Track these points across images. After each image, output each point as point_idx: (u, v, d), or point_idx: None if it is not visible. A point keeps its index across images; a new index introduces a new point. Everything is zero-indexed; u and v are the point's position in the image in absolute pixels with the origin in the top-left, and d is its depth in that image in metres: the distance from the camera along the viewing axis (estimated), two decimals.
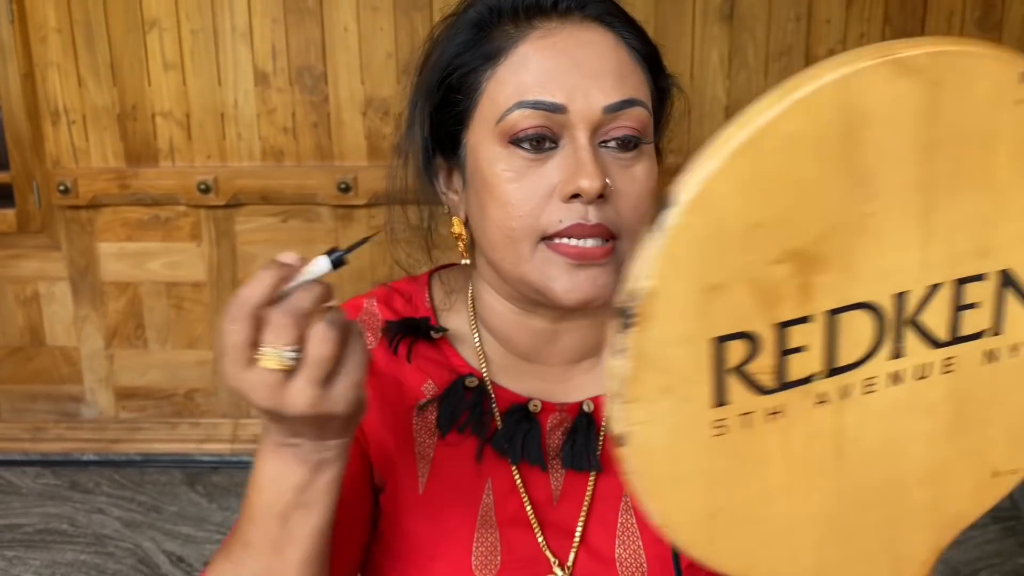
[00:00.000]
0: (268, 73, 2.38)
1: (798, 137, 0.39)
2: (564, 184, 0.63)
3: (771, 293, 0.41)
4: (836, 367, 0.45)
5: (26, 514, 2.35)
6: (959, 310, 0.45)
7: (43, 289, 2.58)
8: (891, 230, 0.43)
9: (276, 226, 2.48)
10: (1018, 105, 0.42)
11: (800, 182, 0.40)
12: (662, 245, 0.39)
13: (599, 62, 0.65)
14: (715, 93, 2.35)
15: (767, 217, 0.40)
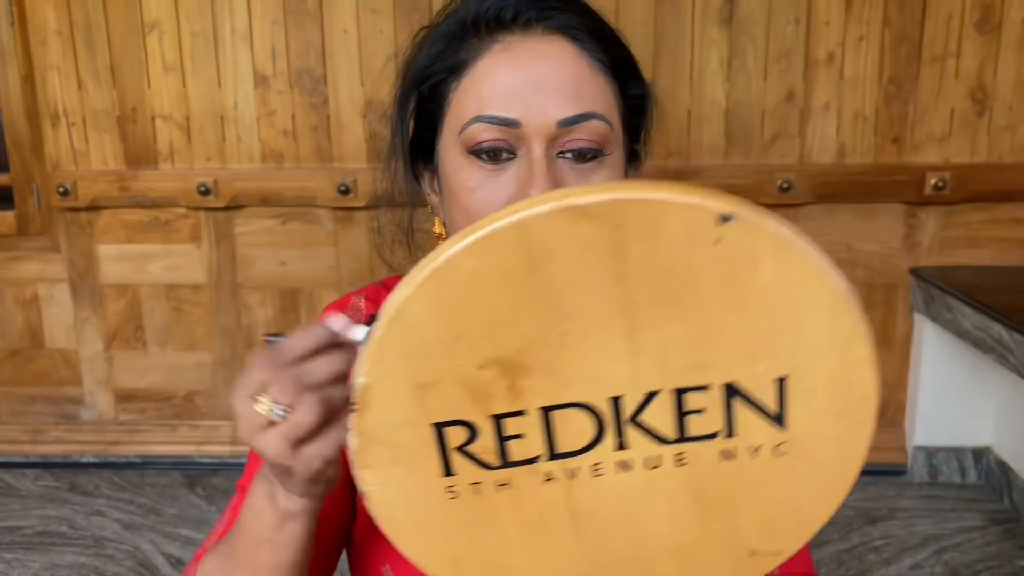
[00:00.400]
0: (268, 75, 2.38)
1: (481, 271, 0.44)
2: (516, 194, 0.66)
3: (481, 392, 0.47)
4: (558, 453, 0.50)
5: (25, 516, 2.35)
6: (684, 415, 0.49)
7: (43, 291, 2.58)
8: (595, 345, 0.47)
9: (276, 228, 2.48)
10: (717, 244, 0.44)
11: (492, 306, 0.45)
12: (371, 351, 0.47)
13: (556, 76, 0.66)
14: (715, 96, 2.35)
15: (465, 332, 0.46)
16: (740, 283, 0.45)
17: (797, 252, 0.45)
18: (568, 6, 0.70)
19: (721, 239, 0.43)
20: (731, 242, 0.44)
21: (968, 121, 2.34)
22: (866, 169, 2.37)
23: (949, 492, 2.41)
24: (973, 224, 2.42)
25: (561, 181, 0.66)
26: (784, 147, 2.38)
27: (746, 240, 0.44)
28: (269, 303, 2.54)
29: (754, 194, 2.38)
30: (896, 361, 2.50)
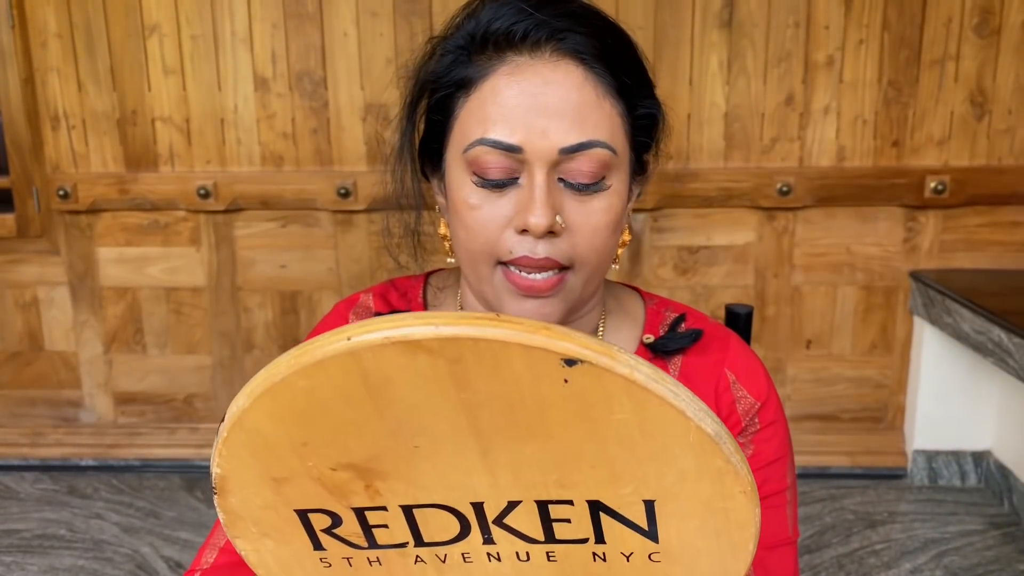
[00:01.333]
0: (268, 78, 2.39)
1: (317, 390, 0.44)
2: (516, 218, 0.67)
3: (338, 489, 0.48)
4: (425, 542, 0.50)
5: (24, 519, 2.35)
6: (551, 521, 0.49)
7: (42, 294, 2.58)
8: (448, 459, 0.47)
9: (275, 231, 2.48)
10: (566, 384, 0.42)
11: (335, 420, 0.45)
12: (220, 447, 0.47)
13: (560, 102, 0.66)
14: (714, 99, 2.35)
15: (311, 439, 0.46)
16: (594, 418, 0.44)
17: (653, 395, 0.43)
18: (580, 26, 0.68)
19: (569, 379, 0.42)
20: (580, 383, 0.42)
21: (967, 124, 2.35)
22: (865, 172, 2.37)
23: (949, 496, 2.41)
24: (972, 227, 2.42)
25: (560, 206, 0.67)
26: (784, 150, 2.38)
27: (597, 382, 0.42)
28: (268, 306, 2.54)
29: (753, 197, 2.38)
30: (896, 364, 2.50)
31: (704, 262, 2.45)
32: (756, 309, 2.47)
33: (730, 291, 2.46)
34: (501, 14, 0.68)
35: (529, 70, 0.67)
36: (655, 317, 0.81)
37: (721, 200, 2.39)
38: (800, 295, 2.48)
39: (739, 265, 2.45)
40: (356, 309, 0.81)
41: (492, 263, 0.69)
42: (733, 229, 2.43)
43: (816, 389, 2.54)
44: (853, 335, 2.50)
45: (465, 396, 0.43)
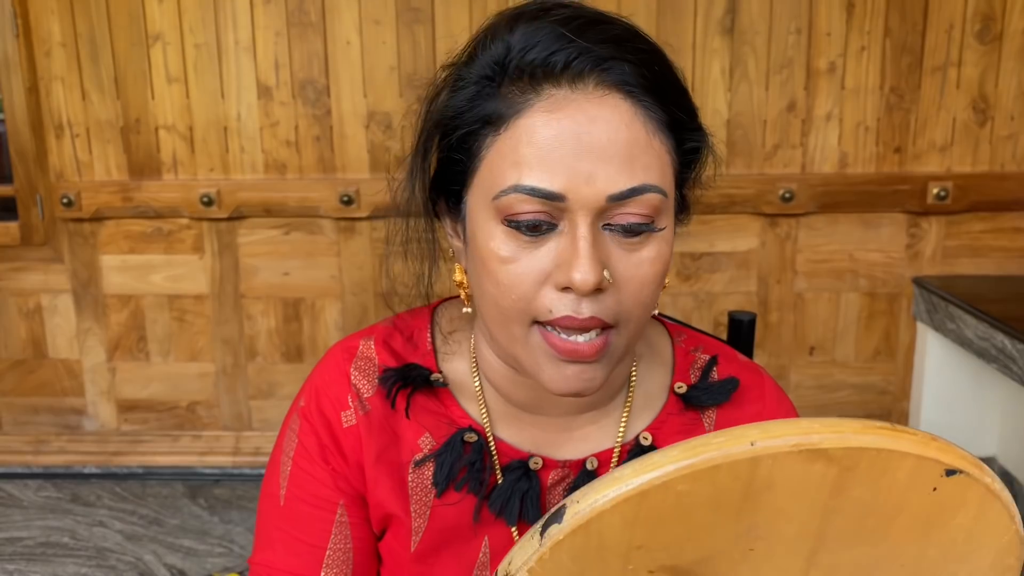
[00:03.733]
0: (271, 86, 2.39)
1: (694, 495, 0.42)
2: (557, 273, 0.59)
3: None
4: None
5: (27, 527, 2.35)
6: None
7: (46, 302, 2.58)
8: (773, 564, 0.46)
9: (278, 239, 2.49)
10: (934, 491, 0.44)
11: (690, 524, 0.43)
12: (541, 552, 0.43)
13: (607, 143, 0.58)
14: (716, 106, 2.36)
15: (650, 543, 0.43)
16: (936, 523, 0.45)
17: (998, 502, 0.45)
18: (625, 52, 0.60)
19: (938, 488, 0.44)
20: (946, 491, 0.44)
21: (970, 131, 2.35)
22: (868, 179, 2.37)
23: None
24: (975, 233, 2.41)
25: (606, 257, 0.59)
26: (786, 157, 2.38)
27: (960, 490, 0.44)
28: (271, 313, 2.54)
29: (756, 203, 2.38)
30: (899, 371, 2.50)
31: (707, 268, 2.45)
32: (759, 316, 2.46)
33: (733, 298, 2.46)
34: (536, 40, 0.59)
35: (571, 106, 0.58)
36: (684, 359, 0.75)
37: (724, 207, 2.39)
38: (803, 301, 2.47)
39: (742, 271, 2.45)
40: (357, 362, 0.72)
41: (527, 323, 0.61)
42: (736, 235, 2.43)
43: (819, 396, 2.53)
44: (856, 341, 2.49)
45: (834, 502, 0.43)
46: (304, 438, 0.71)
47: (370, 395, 0.71)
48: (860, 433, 0.42)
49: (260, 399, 2.59)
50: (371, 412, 0.70)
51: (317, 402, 0.72)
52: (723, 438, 0.41)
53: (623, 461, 0.69)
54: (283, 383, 2.56)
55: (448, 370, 0.72)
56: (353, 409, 0.71)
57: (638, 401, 0.72)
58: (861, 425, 0.41)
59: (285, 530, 0.71)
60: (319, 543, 0.70)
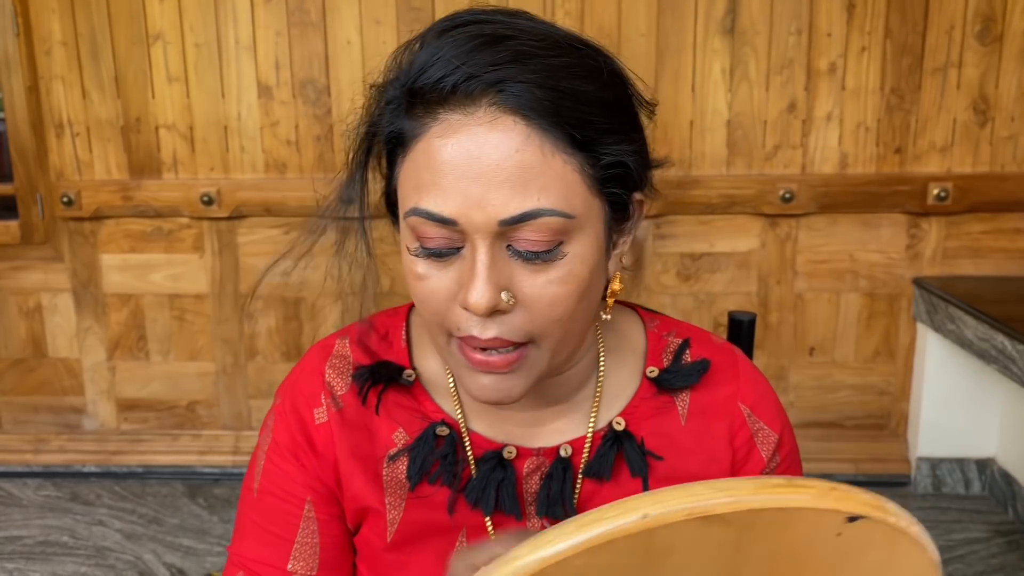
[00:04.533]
0: (271, 86, 2.39)
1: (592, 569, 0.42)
2: (461, 293, 0.60)
3: None
4: None
5: (27, 526, 2.35)
6: None
7: (46, 301, 2.58)
8: None
9: (278, 238, 2.49)
10: (838, 537, 0.44)
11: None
12: None
13: (496, 168, 0.57)
14: (716, 106, 2.36)
15: None
16: (846, 565, 0.46)
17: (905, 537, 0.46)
18: (523, 71, 0.58)
19: (842, 533, 0.44)
20: (851, 535, 0.44)
21: (970, 131, 2.35)
22: (868, 179, 2.37)
23: (953, 503, 2.40)
24: (975, 234, 2.41)
25: (508, 278, 0.59)
26: (786, 157, 2.38)
27: (866, 533, 0.44)
28: (271, 313, 2.54)
29: (756, 204, 2.38)
30: (899, 372, 2.50)
31: (707, 269, 2.45)
32: (759, 316, 2.46)
33: (733, 298, 2.46)
34: (432, 62, 0.59)
35: (462, 131, 0.58)
36: (657, 343, 0.75)
37: (724, 207, 2.39)
38: (803, 302, 2.47)
39: (742, 272, 2.45)
40: (332, 360, 0.73)
41: (447, 334, 0.63)
42: (736, 236, 2.43)
43: (819, 396, 2.53)
44: (856, 342, 2.49)
45: (739, 557, 0.44)
46: (278, 435, 0.73)
47: (343, 392, 0.72)
48: (754, 494, 0.42)
49: (260, 399, 2.59)
50: (345, 409, 0.72)
51: (292, 400, 0.73)
52: (615, 511, 0.41)
53: (596, 447, 0.70)
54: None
55: (422, 367, 0.74)
56: (325, 407, 0.72)
57: (608, 391, 0.73)
58: (755, 485, 0.41)
59: (257, 522, 0.73)
60: (287, 535, 0.72)
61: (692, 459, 0.71)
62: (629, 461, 0.69)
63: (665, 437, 0.71)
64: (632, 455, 0.69)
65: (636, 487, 0.70)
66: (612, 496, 0.69)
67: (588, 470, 0.70)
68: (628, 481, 0.70)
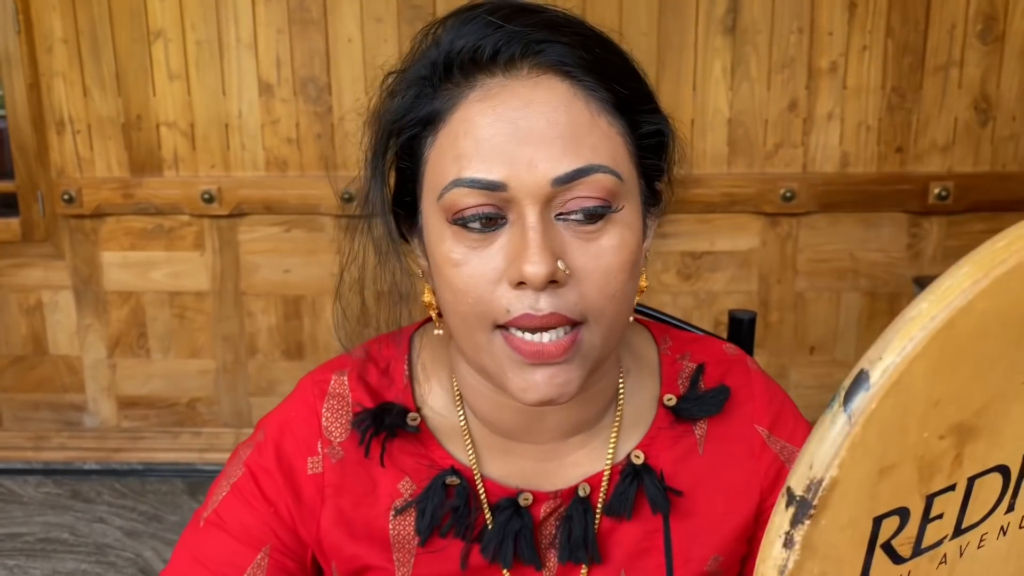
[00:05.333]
0: (272, 84, 2.39)
1: (990, 314, 0.37)
2: (510, 269, 0.55)
3: (930, 468, 0.40)
4: (961, 528, 0.44)
5: (27, 523, 2.35)
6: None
7: (46, 298, 2.58)
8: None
9: (279, 236, 2.49)
10: None
11: (981, 358, 0.38)
12: (851, 432, 0.36)
13: (546, 126, 0.55)
14: (717, 105, 2.35)
15: (945, 394, 0.38)
16: None
17: None
18: (559, 35, 0.58)
19: None
20: None
21: (971, 131, 2.35)
22: (869, 178, 2.37)
23: None
24: (976, 234, 2.41)
25: (561, 248, 0.56)
26: (787, 156, 2.38)
27: None
28: (272, 311, 2.55)
29: (757, 203, 2.38)
30: None
31: (707, 268, 2.45)
32: (759, 315, 2.46)
33: (733, 297, 2.46)
34: (465, 32, 0.58)
35: (504, 92, 0.56)
36: (671, 367, 0.71)
37: (724, 206, 2.39)
38: (803, 301, 2.47)
39: (742, 271, 2.45)
40: (329, 401, 0.67)
41: (488, 328, 0.57)
42: (736, 235, 2.43)
43: (820, 395, 2.53)
44: (857, 341, 2.49)
45: None
46: (254, 470, 0.68)
47: (343, 439, 0.67)
48: None
49: (260, 396, 2.59)
50: (344, 458, 0.66)
51: (280, 441, 0.68)
52: (1002, 241, 0.37)
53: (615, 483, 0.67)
54: (283, 380, 2.56)
55: (427, 407, 0.68)
56: (322, 456, 0.67)
57: (628, 417, 0.69)
58: None
59: (196, 556, 0.67)
60: (230, 572, 0.65)
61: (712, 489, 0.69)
62: (650, 498, 0.66)
63: (684, 469, 0.68)
64: (653, 492, 0.66)
65: (657, 523, 0.67)
66: (632, 533, 0.66)
67: (608, 509, 0.66)
68: (649, 517, 0.67)
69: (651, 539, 0.67)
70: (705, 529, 0.67)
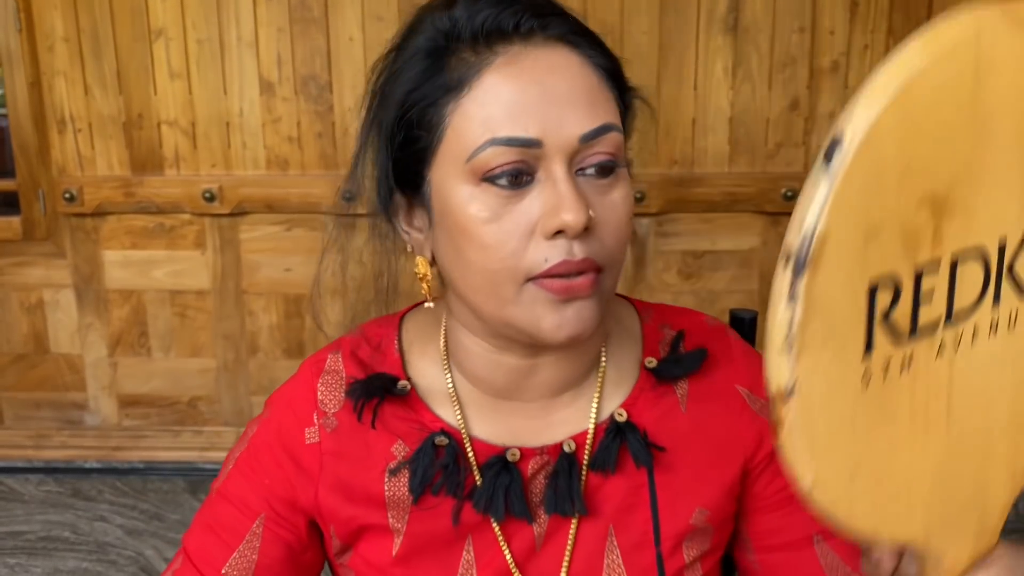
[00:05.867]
0: (273, 82, 2.39)
1: (940, 83, 0.41)
2: (547, 220, 0.60)
3: (913, 237, 0.43)
4: (952, 313, 0.47)
5: (28, 521, 2.35)
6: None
7: (48, 296, 2.58)
8: (1001, 178, 0.45)
9: (280, 235, 2.49)
10: None
11: (939, 126, 0.42)
12: (833, 187, 0.39)
13: (570, 88, 0.61)
14: (719, 104, 2.35)
15: (914, 159, 0.41)
16: None
17: None
18: (556, 11, 0.65)
19: None
20: None
21: None
22: None
23: None
24: None
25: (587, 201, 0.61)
26: (789, 155, 2.38)
27: None
28: (273, 309, 2.55)
29: (758, 202, 2.38)
30: None
31: (709, 267, 2.45)
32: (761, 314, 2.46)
33: (735, 296, 2.46)
34: (480, 8, 0.62)
35: (528, 58, 0.61)
36: (653, 335, 0.75)
37: (726, 205, 2.39)
38: None
39: (744, 270, 2.45)
40: (324, 377, 0.73)
41: (519, 281, 0.61)
42: (738, 234, 2.43)
43: None
44: None
45: None
46: (254, 446, 0.74)
47: (337, 410, 0.72)
48: None
49: (261, 395, 2.59)
50: (339, 427, 0.71)
51: (281, 417, 0.73)
52: (945, 20, 0.42)
53: (599, 440, 0.70)
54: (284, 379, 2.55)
55: (417, 375, 0.73)
56: (318, 427, 0.71)
57: (611, 377, 0.73)
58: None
59: (208, 520, 0.75)
60: (231, 542, 0.73)
61: (695, 446, 0.71)
62: (633, 453, 0.69)
63: (666, 426, 0.71)
64: (636, 447, 0.69)
65: (642, 478, 0.70)
66: (619, 488, 0.70)
67: (593, 463, 0.70)
68: (633, 472, 0.70)
69: (637, 494, 0.70)
70: (689, 483, 0.70)
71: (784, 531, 0.72)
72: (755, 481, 0.72)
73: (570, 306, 0.62)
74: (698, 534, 0.71)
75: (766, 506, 0.73)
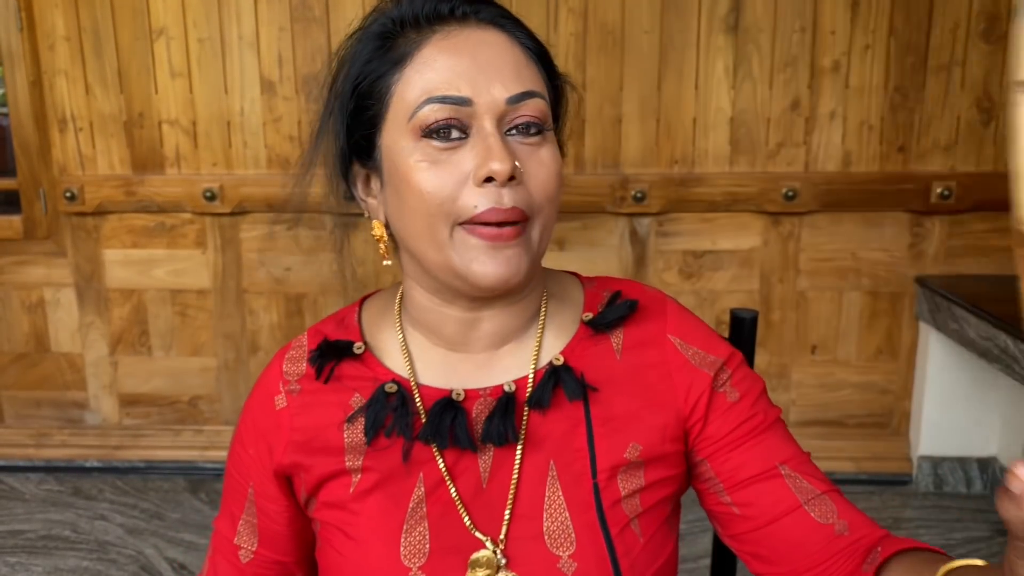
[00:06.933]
0: (274, 81, 2.39)
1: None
2: (477, 168, 0.68)
3: None
4: None
5: (29, 520, 2.35)
6: None
7: (48, 295, 2.58)
8: None
9: (281, 234, 2.49)
10: None
11: None
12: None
13: (498, 59, 0.70)
14: (720, 104, 2.35)
15: None
16: None
17: None
18: (491, 3, 0.74)
19: None
20: None
21: (974, 130, 2.34)
22: (871, 178, 2.37)
23: (954, 502, 2.40)
24: (979, 233, 2.41)
25: (515, 155, 0.70)
26: (789, 155, 2.38)
27: None
28: (273, 308, 2.55)
29: (759, 202, 2.38)
30: (901, 370, 2.50)
31: (709, 267, 2.45)
32: (761, 314, 2.46)
33: (735, 296, 2.46)
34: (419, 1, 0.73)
35: (462, 35, 0.71)
36: (594, 298, 0.83)
37: (726, 205, 2.39)
38: (805, 300, 2.47)
39: (744, 270, 2.45)
40: (290, 353, 0.82)
41: (451, 225, 0.70)
42: (738, 234, 2.43)
43: (821, 394, 2.53)
44: (858, 340, 2.49)
45: None
46: (241, 424, 0.84)
47: (300, 376, 0.80)
48: None
49: None
50: (302, 391, 0.80)
51: (255, 394, 0.83)
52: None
53: (538, 383, 0.77)
54: None
55: (373, 339, 0.81)
56: (284, 393, 0.80)
57: (551, 331, 0.80)
58: None
59: (224, 498, 0.87)
60: (236, 512, 0.85)
61: (629, 389, 0.77)
62: (567, 389, 0.76)
63: (602, 371, 0.78)
64: (571, 386, 0.76)
65: (579, 414, 0.76)
66: (557, 422, 0.76)
67: (530, 400, 0.76)
68: (571, 410, 0.76)
69: (575, 430, 0.76)
70: (624, 421, 0.76)
71: (748, 465, 0.76)
72: (707, 425, 0.77)
73: (499, 252, 0.69)
74: (632, 467, 0.76)
75: (724, 445, 0.77)
